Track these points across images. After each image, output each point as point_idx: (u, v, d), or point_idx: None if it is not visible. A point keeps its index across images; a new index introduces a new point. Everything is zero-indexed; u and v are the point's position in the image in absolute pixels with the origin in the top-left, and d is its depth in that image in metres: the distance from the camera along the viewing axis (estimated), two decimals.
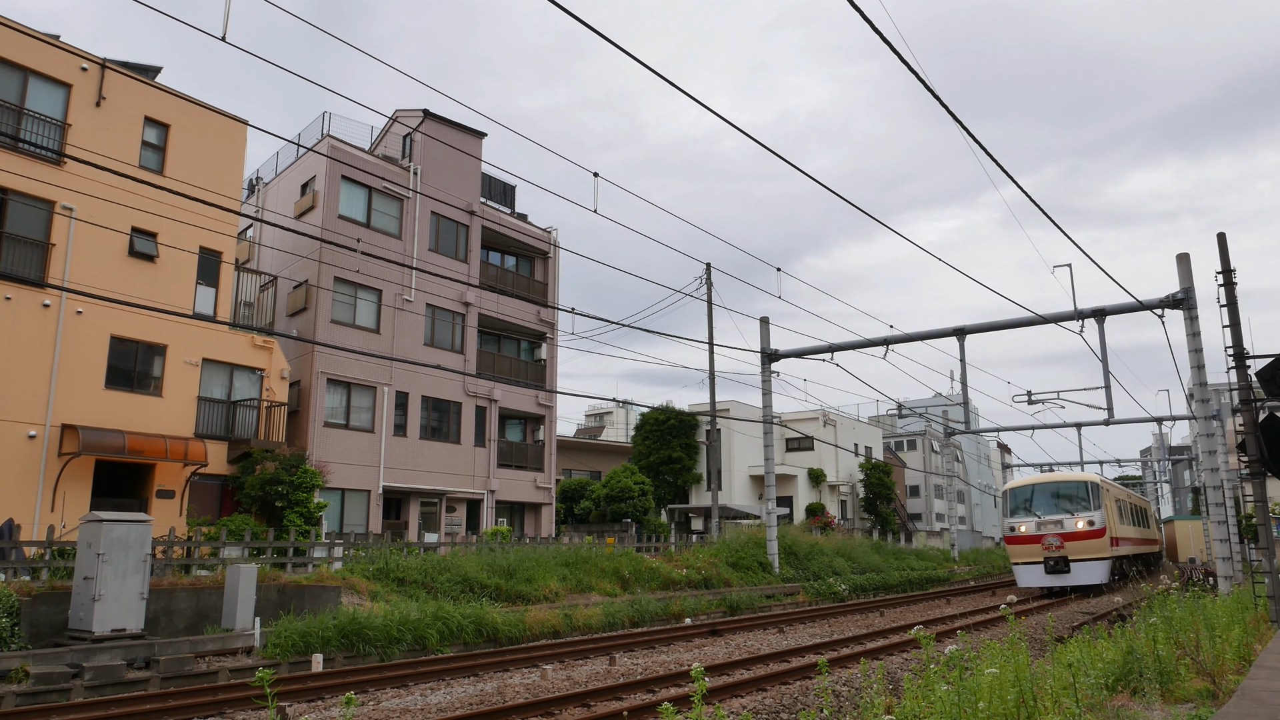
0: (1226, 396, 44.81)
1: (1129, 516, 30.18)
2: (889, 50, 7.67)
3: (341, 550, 19.92)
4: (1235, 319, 14.60)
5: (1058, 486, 26.05)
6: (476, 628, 15.07)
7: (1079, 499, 25.07)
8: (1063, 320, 21.74)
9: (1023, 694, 5.28)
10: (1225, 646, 8.72)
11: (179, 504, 21.37)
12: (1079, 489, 25.47)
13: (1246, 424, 14.03)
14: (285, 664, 12.45)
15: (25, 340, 19.05)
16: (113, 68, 21.31)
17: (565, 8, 6.96)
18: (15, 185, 19.28)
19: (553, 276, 35.11)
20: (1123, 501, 29.22)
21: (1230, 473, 30.15)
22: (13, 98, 19.56)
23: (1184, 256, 20.33)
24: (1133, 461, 56.67)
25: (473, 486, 29.76)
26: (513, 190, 35.46)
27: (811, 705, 8.76)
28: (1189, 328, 19.66)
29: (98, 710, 9.41)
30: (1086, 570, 24.24)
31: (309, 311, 26.32)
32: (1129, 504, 30.85)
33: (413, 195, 29.33)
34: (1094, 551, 24.33)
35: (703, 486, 43.92)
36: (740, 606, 21.70)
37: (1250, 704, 6.16)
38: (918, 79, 8.19)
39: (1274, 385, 13.71)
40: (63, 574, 14.45)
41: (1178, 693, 7.14)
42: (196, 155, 22.76)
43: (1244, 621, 11.08)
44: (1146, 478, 63.23)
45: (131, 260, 21.18)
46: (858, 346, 25.76)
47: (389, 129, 32.12)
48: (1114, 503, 26.69)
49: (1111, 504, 26.05)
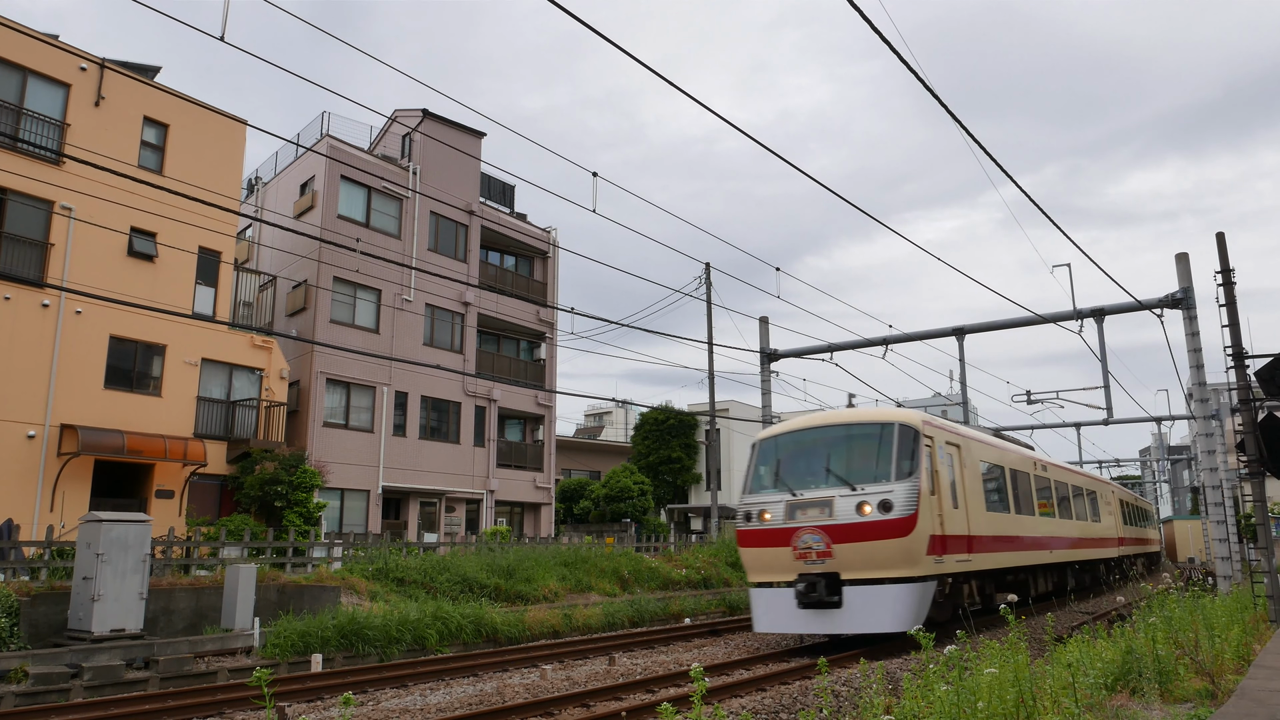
0: (1225, 396, 44.82)
1: (1062, 500, 20.56)
2: (889, 50, 7.67)
3: (341, 550, 19.92)
4: (1234, 319, 14.61)
5: (834, 433, 13.67)
6: (476, 628, 15.07)
7: (872, 458, 12.94)
8: (1062, 320, 21.74)
9: (1022, 694, 5.28)
10: (1224, 646, 8.73)
11: (178, 504, 21.36)
12: (873, 438, 13.16)
13: (1245, 423, 14.05)
14: (285, 664, 12.44)
15: (25, 340, 19.04)
16: (112, 67, 21.30)
17: (565, 8, 6.96)
18: (14, 185, 19.27)
19: (552, 276, 35.11)
20: (1040, 477, 18.97)
21: (1229, 472, 30.16)
22: (12, 97, 19.55)
23: (1183, 256, 20.34)
24: (1132, 461, 56.69)
25: (472, 486, 29.75)
26: (512, 190, 35.47)
27: (811, 705, 8.77)
28: (1188, 327, 19.66)
29: (97, 710, 9.41)
30: (874, 603, 12.05)
31: (308, 311, 26.32)
32: (1063, 485, 20.80)
33: (412, 195, 29.32)
34: (889, 563, 12.10)
35: (702, 486, 43.94)
36: (740, 606, 21.71)
37: (1249, 704, 6.17)
38: (917, 79, 8.19)
39: (1273, 385, 13.72)
40: (62, 574, 14.45)
41: (1177, 692, 7.14)
42: (196, 155, 22.75)
43: (1243, 621, 11.09)
44: (1146, 477, 63.23)
45: (131, 260, 21.17)
46: (857, 346, 25.75)
47: (388, 129, 32.12)
48: (970, 470, 14.63)
49: (959, 470, 14.05)
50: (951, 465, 13.79)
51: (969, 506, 13.99)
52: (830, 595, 12.13)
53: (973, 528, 13.95)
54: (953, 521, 13.13)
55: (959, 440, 14.48)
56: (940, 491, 12.95)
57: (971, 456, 14.85)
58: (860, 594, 12.05)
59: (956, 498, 13.60)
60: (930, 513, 12.37)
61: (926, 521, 12.18)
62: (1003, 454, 16.95)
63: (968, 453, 14.70)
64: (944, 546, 12.72)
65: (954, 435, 14.35)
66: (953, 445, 14.10)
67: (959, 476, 13.94)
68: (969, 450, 14.83)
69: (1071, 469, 23.24)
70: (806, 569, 12.35)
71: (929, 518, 12.29)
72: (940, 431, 13.73)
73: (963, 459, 14.34)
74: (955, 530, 13.20)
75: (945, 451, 13.61)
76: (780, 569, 12.72)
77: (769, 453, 14.05)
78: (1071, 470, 22.98)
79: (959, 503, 13.61)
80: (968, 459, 14.59)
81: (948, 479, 13.41)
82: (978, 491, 14.67)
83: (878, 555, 11.99)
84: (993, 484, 15.90)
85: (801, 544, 12.39)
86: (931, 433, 13.29)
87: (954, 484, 13.68)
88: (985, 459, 15.69)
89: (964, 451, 14.52)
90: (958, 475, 13.91)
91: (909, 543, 11.93)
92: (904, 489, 12.13)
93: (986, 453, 15.94)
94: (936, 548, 12.48)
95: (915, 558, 12.04)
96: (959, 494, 13.77)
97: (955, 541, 13.16)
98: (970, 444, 15.08)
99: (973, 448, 15.13)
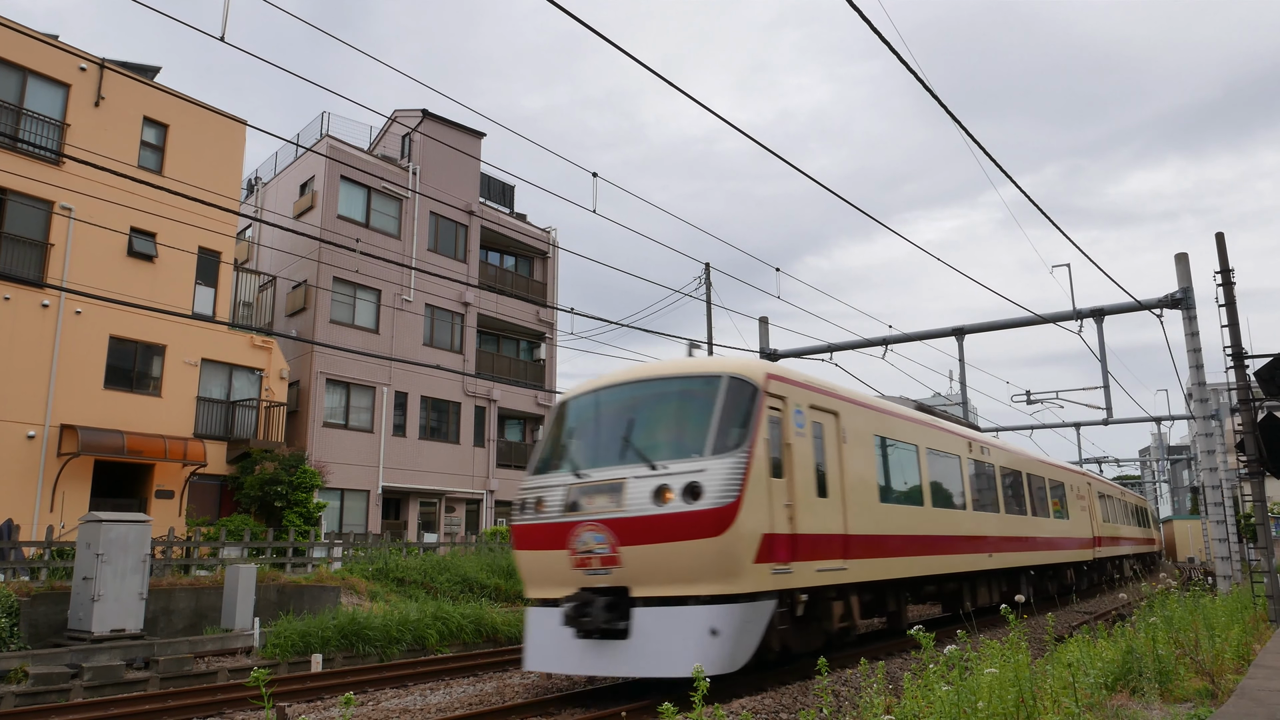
0: (1225, 396, 44.87)
1: (1017, 492, 17.80)
2: (888, 50, 7.68)
3: (341, 550, 19.93)
4: (1234, 319, 14.62)
5: (645, 392, 9.96)
6: (476, 628, 15.07)
7: (687, 425, 9.44)
8: (1061, 320, 21.73)
9: (1022, 693, 5.28)
10: (1224, 646, 8.74)
11: (178, 504, 21.36)
12: (693, 398, 9.58)
13: (1245, 423, 14.06)
14: (285, 664, 12.44)
15: (24, 340, 19.04)
16: (111, 68, 21.30)
17: (564, 8, 6.95)
18: (14, 185, 19.27)
19: (552, 276, 35.11)
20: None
21: (1229, 472, 30.16)
22: (11, 98, 19.56)
23: (1182, 256, 20.35)
24: (1131, 461, 56.70)
25: (472, 486, 29.76)
26: (512, 190, 35.48)
27: (811, 705, 8.77)
28: (1187, 328, 19.66)
29: (97, 710, 9.41)
30: (671, 632, 8.40)
31: (308, 311, 26.32)
32: (1012, 473, 17.73)
33: (412, 195, 29.33)
34: (696, 573, 8.45)
35: None
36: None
37: (1249, 703, 6.18)
38: (916, 79, 8.19)
39: (1272, 385, 13.74)
40: (62, 574, 14.45)
41: (1177, 692, 7.15)
42: (195, 155, 22.76)
43: (1243, 621, 11.09)
44: (1145, 477, 63.28)
45: (130, 260, 21.17)
46: (857, 346, 25.75)
47: (388, 129, 32.13)
48: (855, 447, 11.20)
49: (833, 446, 10.66)
50: (819, 438, 10.26)
51: (848, 495, 10.51)
52: (612, 620, 8.31)
53: (853, 524, 10.48)
54: (813, 515, 9.61)
55: (834, 405, 10.75)
56: (792, 474, 9.35)
57: (856, 429, 11.21)
58: (654, 619, 8.27)
59: (825, 483, 10.09)
60: (764, 502, 8.69)
61: (757, 514, 8.54)
62: (914, 430, 13.20)
63: (850, 423, 11.07)
64: (791, 550, 9.10)
65: (826, 398, 10.61)
66: (822, 412, 10.47)
67: (833, 454, 10.43)
68: (851, 420, 11.15)
69: (1027, 454, 19.79)
70: (587, 580, 8.63)
71: (761, 509, 8.62)
72: (800, 391, 10.05)
73: (841, 431, 10.77)
74: (817, 527, 9.67)
75: (807, 419, 10.01)
76: (558, 580, 8.92)
77: (566, 419, 10.24)
78: (1025, 456, 19.52)
79: (829, 490, 10.12)
80: (850, 431, 11.03)
81: (809, 457, 9.84)
82: (866, 476, 11.17)
83: (679, 562, 8.25)
84: (896, 467, 12.31)
85: (581, 545, 8.63)
86: (782, 391, 9.62)
87: (822, 465, 10.13)
88: (881, 433, 11.99)
89: (844, 421, 10.90)
90: (831, 453, 10.39)
91: (725, 544, 8.20)
92: (722, 468, 8.42)
93: (884, 425, 12.14)
94: (777, 552, 8.83)
95: (735, 566, 8.30)
96: (831, 478, 10.26)
97: (815, 543, 9.60)
98: (855, 412, 11.31)
99: (858, 418, 11.36)
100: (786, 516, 9.20)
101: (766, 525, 8.78)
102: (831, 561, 9.99)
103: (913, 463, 13.06)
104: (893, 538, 11.72)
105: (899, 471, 12.55)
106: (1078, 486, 23.30)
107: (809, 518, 9.61)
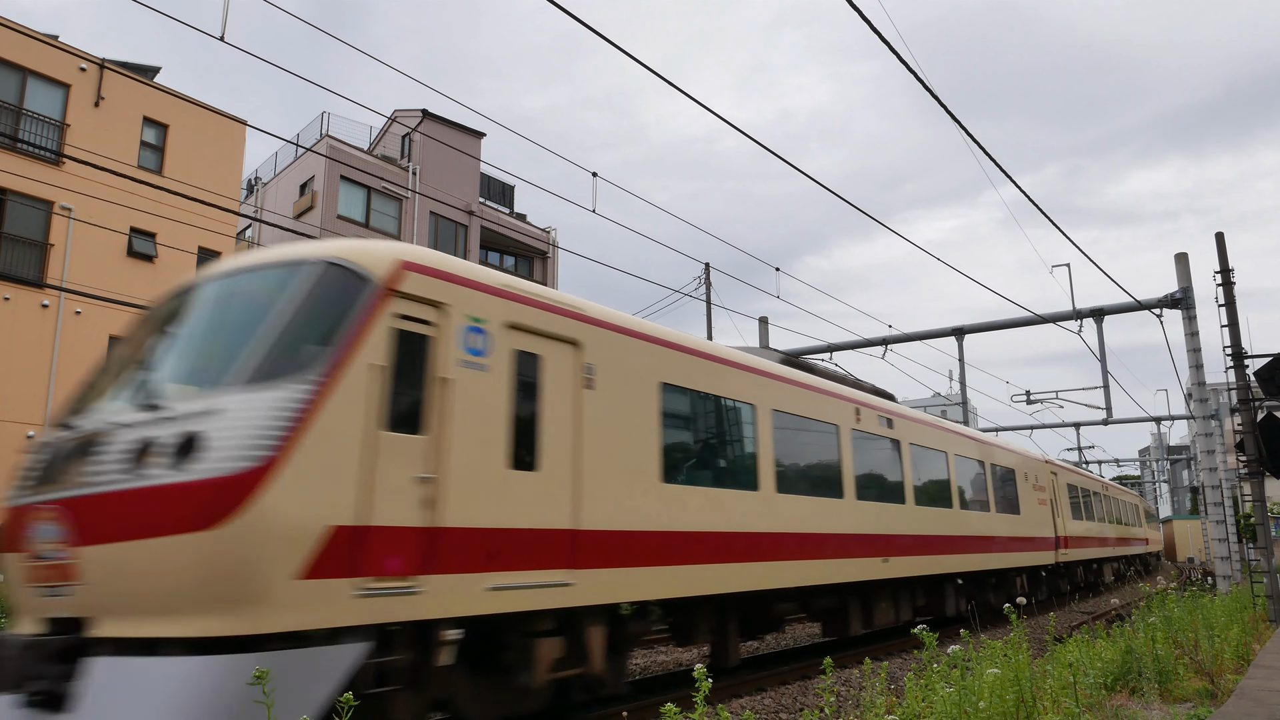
0: (1225, 396, 44.89)
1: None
2: (888, 50, 7.69)
3: None
4: (1234, 319, 14.64)
5: (216, 291, 6.22)
6: None
7: (239, 342, 5.50)
8: (1061, 320, 21.74)
9: (1022, 693, 5.29)
10: (1224, 646, 8.76)
11: None
12: (261, 296, 5.76)
13: (1245, 423, 14.08)
14: None
15: (24, 340, 19.04)
16: (111, 68, 21.31)
17: (564, 8, 6.96)
18: (14, 185, 19.27)
19: (552, 276, 35.12)
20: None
21: (1228, 472, 30.20)
22: (11, 98, 19.56)
23: (1182, 256, 20.37)
24: (1131, 461, 56.76)
25: None
26: (511, 190, 35.49)
27: (812, 705, 8.77)
28: (1187, 327, 19.68)
29: None
30: (134, 700, 4.50)
31: None
32: (926, 452, 13.98)
33: (411, 195, 29.34)
34: (181, 597, 4.73)
35: None
36: None
37: (1249, 703, 6.19)
38: (916, 79, 8.20)
39: (1272, 385, 13.76)
40: None
41: (1176, 692, 7.16)
42: (195, 155, 22.76)
43: (1242, 621, 11.11)
44: (1145, 477, 63.33)
45: (130, 260, 21.18)
46: (856, 346, 25.77)
47: (388, 129, 32.14)
48: (612, 399, 7.71)
49: (569, 396, 7.26)
50: (525, 377, 6.85)
51: (588, 470, 7.21)
52: (54, 679, 4.85)
53: (593, 514, 7.16)
54: (494, 499, 6.37)
55: (569, 330, 7.36)
56: (445, 428, 6.04)
57: (619, 369, 7.78)
58: (115, 678, 4.75)
59: (535, 448, 6.81)
60: (344, 469, 5.37)
61: (317, 490, 5.18)
62: (746, 382, 9.62)
63: (605, 360, 7.64)
64: (423, 554, 5.79)
65: (546, 317, 7.16)
66: (539, 338, 7.06)
67: (559, 404, 7.09)
68: (608, 355, 7.68)
69: (959, 431, 15.90)
70: (45, 607, 5.23)
71: (331, 480, 5.28)
72: (481, 299, 6.60)
73: (582, 370, 7.38)
74: (502, 518, 6.37)
75: (498, 345, 6.66)
76: (23, 607, 5.52)
77: (131, 337, 6.60)
78: (955, 433, 15.48)
79: (540, 459, 6.83)
80: (606, 373, 7.61)
81: (496, 405, 6.50)
82: (633, 442, 7.77)
83: (159, 575, 4.84)
84: (706, 433, 8.98)
85: (33, 547, 5.24)
86: (436, 294, 6.25)
87: (531, 418, 6.81)
88: (674, 380, 8.44)
89: (591, 355, 7.48)
90: (555, 401, 7.06)
91: (227, 543, 4.81)
92: (248, 408, 5.07)
93: (678, 369, 8.54)
94: (374, 558, 5.47)
95: (252, 583, 4.87)
96: (550, 441, 6.91)
97: (493, 544, 6.27)
98: (616, 345, 7.83)
99: (625, 354, 7.90)
100: (418, 498, 5.76)
101: (347, 510, 5.30)
102: (534, 573, 6.52)
103: (744, 429, 9.51)
104: (687, 536, 8.16)
105: (714, 440, 9.10)
106: (1035, 475, 19.48)
107: (483, 502, 6.23)
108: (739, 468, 9.34)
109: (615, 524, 7.40)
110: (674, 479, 8.25)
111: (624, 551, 7.45)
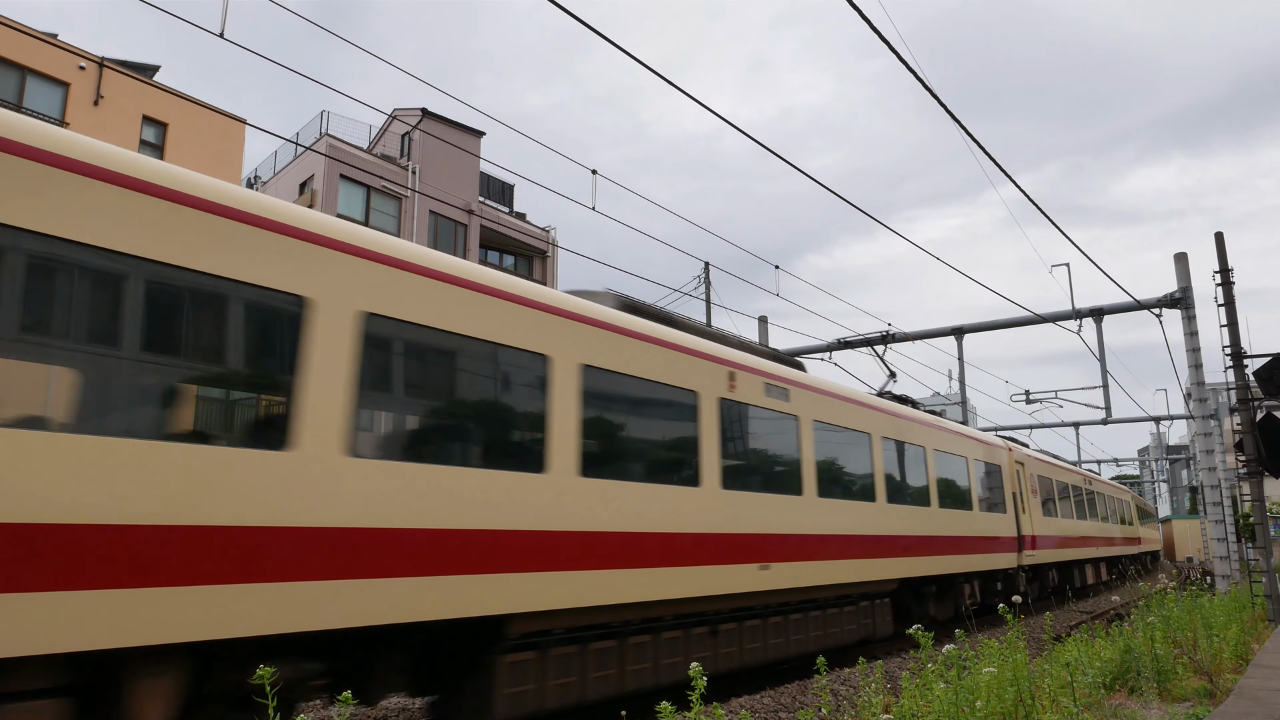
0: (1224, 396, 44.89)
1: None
2: (889, 50, 7.68)
3: None
4: (1233, 319, 14.63)
5: None
6: None
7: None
8: (1061, 320, 21.76)
9: (1021, 693, 5.29)
10: (1222, 645, 8.76)
11: None
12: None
13: (1244, 423, 14.07)
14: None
15: None
16: (111, 66, 21.30)
17: (564, 6, 6.95)
18: None
19: (552, 276, 35.11)
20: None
21: (1228, 472, 30.21)
22: (11, 97, 19.55)
23: (1181, 256, 20.38)
24: (1130, 461, 56.78)
25: None
26: (511, 189, 35.47)
27: (810, 704, 8.77)
28: (1187, 327, 19.69)
29: None
30: None
31: None
32: (841, 430, 11.34)
33: (411, 194, 29.33)
34: None
35: None
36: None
37: (1248, 703, 6.19)
38: (917, 79, 8.20)
39: (1271, 384, 13.76)
40: None
41: (1175, 691, 7.16)
42: (195, 154, 22.76)
43: (1241, 620, 11.11)
44: (1144, 477, 63.35)
45: None
46: (857, 345, 25.77)
47: (388, 127, 32.13)
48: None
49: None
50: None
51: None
52: None
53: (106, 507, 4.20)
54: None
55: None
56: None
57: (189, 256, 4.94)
58: None
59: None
60: None
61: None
62: (534, 325, 7.06)
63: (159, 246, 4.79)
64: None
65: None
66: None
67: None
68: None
69: (885, 407, 12.94)
70: None
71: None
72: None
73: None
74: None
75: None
76: None
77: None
78: (880, 410, 12.71)
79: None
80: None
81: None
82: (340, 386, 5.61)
83: None
84: (442, 387, 6.47)
85: None
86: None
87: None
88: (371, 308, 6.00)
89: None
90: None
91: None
92: None
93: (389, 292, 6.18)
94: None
95: None
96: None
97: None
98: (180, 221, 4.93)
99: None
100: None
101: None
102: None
103: (527, 390, 6.88)
104: (371, 535, 5.46)
105: (452, 396, 6.46)
106: (994, 464, 17.00)
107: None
108: (517, 442, 6.70)
109: (171, 519, 4.47)
110: (403, 455, 5.94)
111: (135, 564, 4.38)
